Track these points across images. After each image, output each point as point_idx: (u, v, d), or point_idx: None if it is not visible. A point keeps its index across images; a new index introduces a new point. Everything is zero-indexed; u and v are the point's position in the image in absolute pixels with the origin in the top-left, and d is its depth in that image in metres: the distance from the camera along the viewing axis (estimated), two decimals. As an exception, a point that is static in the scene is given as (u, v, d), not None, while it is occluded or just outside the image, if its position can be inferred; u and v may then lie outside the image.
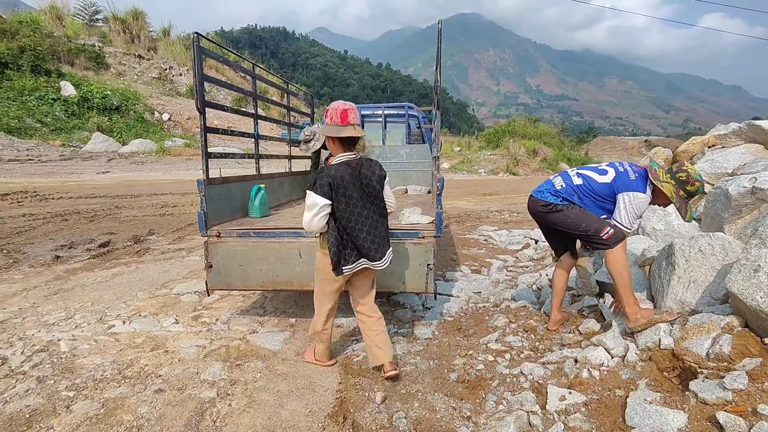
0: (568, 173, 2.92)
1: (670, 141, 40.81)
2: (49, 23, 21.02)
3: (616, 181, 2.70)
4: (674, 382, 2.18)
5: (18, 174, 12.13)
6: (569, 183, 2.84)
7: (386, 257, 2.62)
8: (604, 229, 2.63)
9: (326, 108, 2.49)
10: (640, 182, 2.66)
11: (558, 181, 2.89)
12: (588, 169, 2.88)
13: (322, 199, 2.37)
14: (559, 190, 2.83)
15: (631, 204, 2.62)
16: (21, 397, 2.46)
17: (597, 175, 2.78)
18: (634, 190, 2.63)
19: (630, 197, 2.62)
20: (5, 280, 4.45)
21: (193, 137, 20.22)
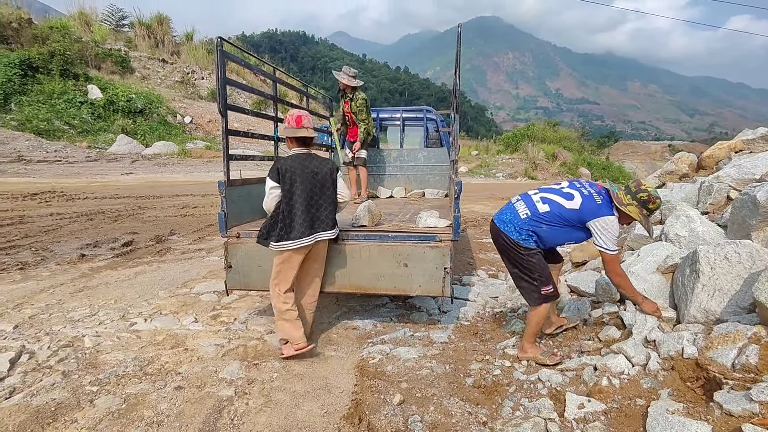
0: (531, 198, 2.78)
1: (694, 146, 39.76)
2: (78, 29, 21.66)
3: (583, 208, 2.65)
4: (698, 393, 2.12)
5: (46, 174, 12.52)
6: (534, 211, 2.70)
7: (312, 237, 2.97)
8: (548, 285, 2.73)
9: (286, 115, 3.17)
10: (606, 206, 2.66)
11: (522, 209, 2.74)
12: (552, 193, 2.76)
13: (272, 182, 2.93)
14: (525, 220, 2.70)
15: (605, 228, 2.62)
16: (47, 390, 2.53)
17: (564, 200, 2.69)
18: (604, 215, 2.63)
19: (602, 222, 2.62)
20: (33, 277, 4.59)
21: (213, 139, 20.57)
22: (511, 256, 2.78)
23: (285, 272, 2.99)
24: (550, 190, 2.82)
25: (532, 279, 2.73)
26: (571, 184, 2.84)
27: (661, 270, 3.13)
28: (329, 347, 3.25)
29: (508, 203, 2.91)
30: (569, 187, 2.80)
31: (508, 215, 2.79)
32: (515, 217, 2.75)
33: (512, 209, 2.81)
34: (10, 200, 8.63)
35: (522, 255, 2.72)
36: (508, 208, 2.84)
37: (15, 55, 17.25)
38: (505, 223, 2.77)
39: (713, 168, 4.87)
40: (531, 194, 2.84)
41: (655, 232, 3.77)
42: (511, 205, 2.85)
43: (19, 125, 15.77)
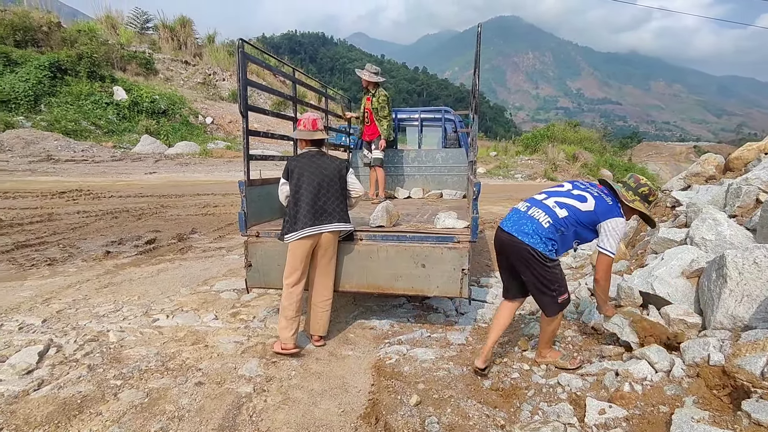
0: (545, 204, 2.67)
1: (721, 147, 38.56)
2: (105, 32, 22.28)
3: (597, 209, 2.62)
4: (725, 401, 2.06)
5: (74, 173, 12.89)
6: (555, 218, 2.59)
7: (316, 228, 3.05)
8: (565, 293, 2.69)
9: (299, 118, 3.28)
10: (616, 206, 2.66)
11: (542, 217, 2.60)
12: (565, 197, 2.68)
13: (282, 179, 3.21)
14: (548, 229, 2.57)
15: (614, 230, 2.59)
16: (74, 383, 2.61)
17: (578, 203, 2.63)
18: (615, 216, 2.62)
19: (613, 224, 2.60)
20: (61, 273, 4.74)
21: (234, 140, 20.88)
22: (533, 269, 2.60)
23: (291, 264, 3.07)
24: (560, 193, 2.73)
25: (552, 290, 2.64)
26: (575, 185, 2.78)
27: (686, 274, 3.05)
28: (346, 346, 3.26)
29: (517, 211, 2.74)
30: (576, 188, 2.74)
31: (530, 226, 2.60)
32: (539, 227, 2.57)
33: (531, 219, 2.62)
34: (40, 198, 8.92)
35: (548, 267, 2.59)
36: (526, 218, 2.65)
37: (45, 58, 17.83)
38: (529, 235, 2.57)
39: (741, 170, 4.73)
40: (542, 199, 2.71)
41: (679, 234, 3.68)
42: (526, 213, 2.67)
43: (48, 126, 16.30)
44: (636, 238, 4.79)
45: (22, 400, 2.43)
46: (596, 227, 2.63)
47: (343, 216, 3.16)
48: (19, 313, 3.63)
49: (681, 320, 2.73)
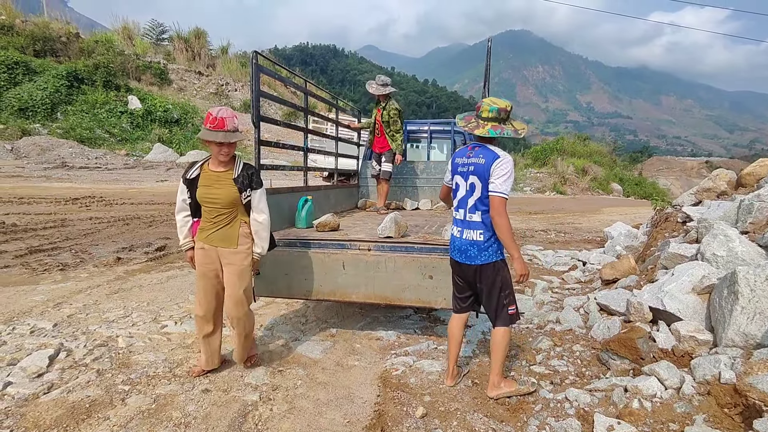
0: (468, 221, 2.58)
1: (734, 162, 38.19)
2: (121, 42, 22.78)
3: (481, 178, 2.49)
4: (736, 420, 2.03)
5: (87, 180, 13.11)
6: (478, 225, 2.54)
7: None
8: (513, 305, 2.63)
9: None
10: (485, 152, 2.51)
11: (475, 235, 2.54)
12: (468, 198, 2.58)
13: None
14: (484, 238, 2.53)
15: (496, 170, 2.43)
16: (83, 387, 2.63)
17: (476, 194, 2.53)
18: (490, 163, 2.46)
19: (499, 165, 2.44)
20: (73, 278, 4.80)
21: (244, 149, 21.10)
22: (485, 281, 2.58)
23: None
24: (463, 200, 2.62)
25: (503, 297, 2.58)
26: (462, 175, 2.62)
27: (696, 290, 3.02)
28: (353, 357, 3.26)
29: (455, 239, 2.67)
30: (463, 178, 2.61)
31: (473, 249, 2.56)
32: (479, 245, 2.54)
33: (470, 243, 2.57)
34: (54, 204, 9.07)
35: (498, 274, 2.56)
36: (466, 243, 2.59)
37: (63, 67, 18.28)
38: (478, 257, 2.54)
39: (754, 186, 4.68)
40: (462, 217, 2.62)
41: (689, 249, 3.64)
42: (462, 239, 2.61)
43: (64, 133, 16.63)
44: (646, 253, 4.75)
45: (32, 402, 2.45)
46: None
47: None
48: (31, 316, 3.68)
49: (692, 337, 2.70)
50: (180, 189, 2.74)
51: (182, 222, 2.81)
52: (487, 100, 2.57)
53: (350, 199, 6.10)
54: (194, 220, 2.78)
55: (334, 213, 4.09)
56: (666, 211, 5.40)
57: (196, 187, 2.69)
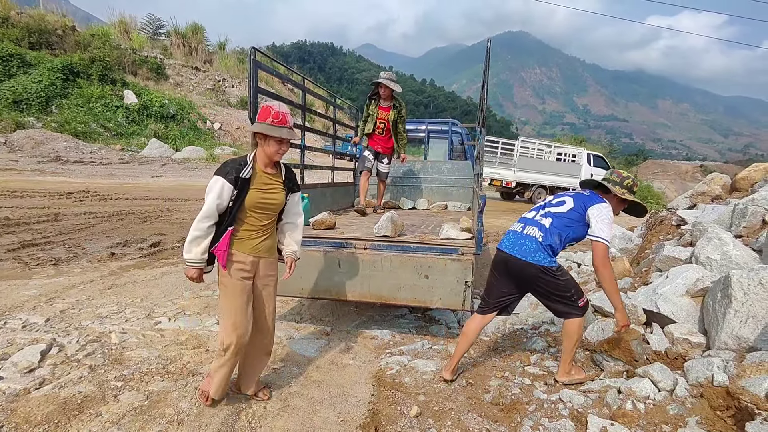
0: (536, 220, 2.72)
1: (728, 167, 38.44)
2: (118, 36, 22.61)
3: (576, 204, 2.69)
4: (728, 423, 2.04)
5: (81, 174, 13.00)
6: (544, 228, 2.64)
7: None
8: (583, 297, 2.69)
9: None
10: (595, 196, 2.72)
11: (537, 233, 2.64)
12: (548, 207, 2.79)
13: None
14: (543, 242, 2.60)
15: (601, 214, 2.60)
16: (75, 383, 2.61)
17: (559, 208, 2.72)
18: (598, 203, 2.65)
19: (598, 209, 2.62)
20: (66, 273, 4.76)
21: (240, 146, 21.02)
22: (544, 283, 2.61)
23: None
24: (543, 206, 2.84)
25: (569, 297, 2.64)
26: (556, 196, 2.88)
27: (690, 293, 3.04)
28: (347, 355, 3.26)
29: (514, 232, 2.77)
30: (556, 197, 2.84)
31: (530, 244, 2.62)
32: (537, 243, 2.61)
33: (528, 237, 2.66)
34: (47, 198, 8.99)
35: (557, 277, 2.61)
36: (524, 238, 2.68)
37: (58, 60, 18.11)
38: (532, 253, 2.60)
39: (748, 190, 4.71)
40: (532, 217, 2.79)
41: (684, 253, 3.67)
42: (523, 233, 2.71)
43: (59, 127, 16.49)
44: (640, 255, 4.78)
45: (23, 398, 2.43)
46: (585, 220, 2.66)
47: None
48: (23, 311, 3.64)
49: (685, 339, 2.71)
50: (219, 189, 2.20)
51: (206, 232, 2.24)
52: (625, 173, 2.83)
53: (347, 197, 6.09)
54: (229, 229, 2.28)
55: (330, 211, 4.09)
56: (661, 214, 5.43)
57: (247, 190, 2.27)
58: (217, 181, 2.20)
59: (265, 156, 2.32)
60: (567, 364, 2.77)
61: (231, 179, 2.21)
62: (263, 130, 2.22)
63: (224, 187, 2.21)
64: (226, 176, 2.21)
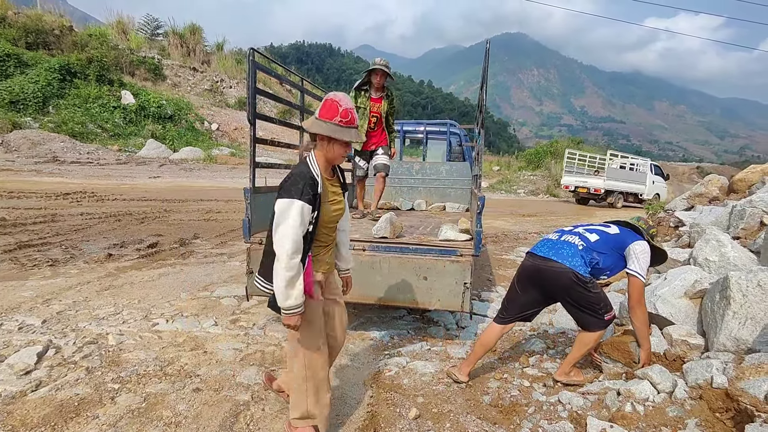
0: (578, 232, 2.72)
1: (724, 168, 38.62)
2: (115, 36, 22.59)
3: (622, 232, 2.71)
4: (728, 425, 2.04)
5: (78, 175, 12.96)
6: (587, 241, 2.62)
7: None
8: (611, 311, 2.63)
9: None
10: (636, 234, 2.72)
11: (577, 241, 2.62)
12: (593, 225, 2.82)
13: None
14: (583, 252, 2.57)
15: (643, 252, 2.61)
16: (71, 385, 2.59)
17: (606, 228, 2.74)
18: (640, 239, 2.66)
19: (641, 246, 2.63)
20: (63, 274, 4.74)
21: (238, 147, 21.01)
22: (576, 292, 2.55)
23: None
24: (586, 225, 2.84)
25: (598, 310, 2.58)
26: (594, 224, 2.89)
27: (689, 295, 3.04)
28: (345, 357, 3.25)
29: (549, 240, 2.74)
30: (599, 225, 2.83)
31: (567, 249, 2.59)
32: (576, 250, 2.58)
33: (566, 243, 2.63)
34: (44, 199, 8.96)
35: (590, 288, 2.55)
36: (561, 243, 2.65)
37: (55, 61, 18.07)
38: (569, 258, 2.54)
39: (745, 192, 4.74)
40: (570, 229, 2.79)
41: (682, 254, 3.68)
42: (560, 240, 2.68)
43: (56, 127, 16.45)
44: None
45: (20, 400, 2.41)
46: (624, 253, 2.64)
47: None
48: (19, 312, 3.62)
49: (684, 341, 2.71)
50: (299, 215, 1.84)
51: (299, 268, 1.87)
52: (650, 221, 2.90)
53: None
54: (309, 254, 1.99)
55: None
56: (658, 215, 5.44)
57: (319, 205, 1.95)
58: (293, 205, 1.82)
59: (326, 161, 2.01)
60: (567, 366, 2.76)
61: (309, 199, 1.86)
62: (331, 133, 1.90)
63: (303, 210, 1.84)
64: (302, 197, 1.84)
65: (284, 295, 1.85)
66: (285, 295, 1.85)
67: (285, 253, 1.81)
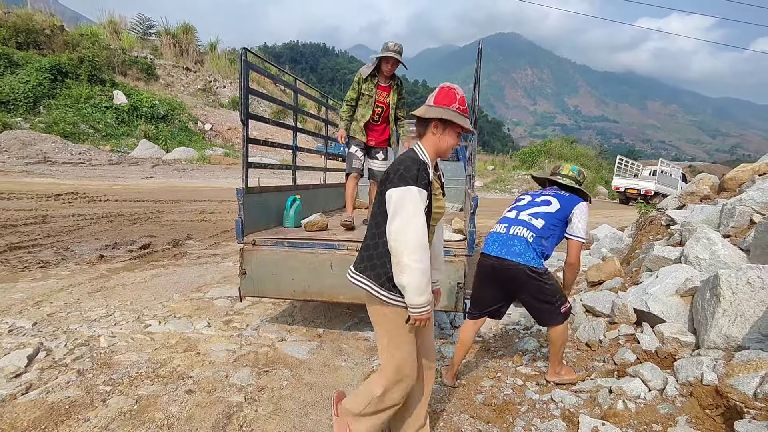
0: (523, 220, 2.69)
1: (716, 167, 39.03)
2: (107, 36, 22.41)
3: (563, 204, 2.73)
4: (717, 421, 2.06)
5: (70, 176, 12.85)
6: (535, 229, 2.63)
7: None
8: (566, 302, 2.69)
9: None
10: (576, 196, 2.79)
11: (526, 233, 2.62)
12: (534, 206, 2.76)
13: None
14: (534, 243, 2.59)
15: (582, 214, 2.70)
16: (62, 388, 2.57)
17: (547, 208, 2.73)
18: (579, 202, 2.73)
19: (579, 209, 2.71)
20: (53, 276, 4.70)
21: (232, 147, 20.92)
22: (531, 287, 2.58)
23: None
24: (527, 206, 2.80)
25: (554, 302, 2.62)
26: (532, 195, 2.90)
27: (680, 293, 3.06)
28: (339, 357, 3.24)
29: (498, 235, 2.71)
30: (535, 197, 2.85)
31: (518, 245, 2.59)
32: (527, 244, 2.58)
33: (516, 237, 2.62)
34: (35, 200, 8.87)
35: (544, 281, 2.58)
36: (512, 239, 2.63)
37: (46, 61, 17.91)
38: (521, 255, 2.55)
39: (736, 190, 4.77)
40: (516, 216, 2.75)
41: (673, 252, 3.70)
42: (509, 234, 2.66)
43: (47, 128, 16.30)
44: (631, 255, 4.82)
45: (9, 404, 2.39)
46: (567, 219, 2.73)
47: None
48: (9, 315, 3.58)
49: (674, 339, 2.73)
50: (419, 201, 1.69)
51: (428, 259, 1.73)
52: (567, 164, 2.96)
53: (339, 198, 6.07)
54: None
55: (322, 212, 4.07)
56: (650, 214, 5.48)
57: (429, 196, 1.77)
58: (411, 191, 1.66)
59: (435, 151, 1.84)
60: (555, 365, 2.78)
61: (425, 185, 1.70)
62: (452, 117, 1.78)
63: (421, 197, 1.69)
64: (418, 183, 1.68)
65: (420, 290, 1.67)
66: (420, 290, 1.67)
67: (413, 244, 1.64)
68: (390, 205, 1.69)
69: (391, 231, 1.67)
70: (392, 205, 1.68)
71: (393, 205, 1.68)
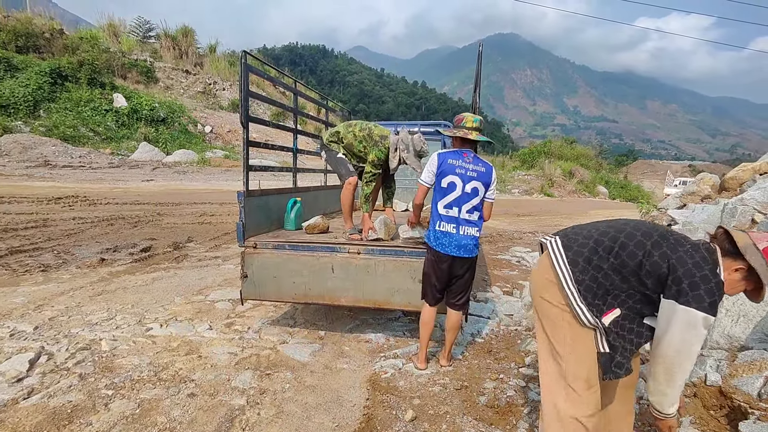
0: (468, 220, 2.85)
1: (716, 166, 39.04)
2: (107, 39, 22.42)
3: (485, 181, 2.85)
4: (722, 422, 2.05)
5: (70, 179, 12.86)
6: (479, 224, 2.91)
7: None
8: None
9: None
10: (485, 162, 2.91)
11: (473, 231, 2.88)
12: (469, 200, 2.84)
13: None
14: (478, 236, 2.92)
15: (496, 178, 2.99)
16: (64, 392, 2.57)
17: (475, 200, 2.85)
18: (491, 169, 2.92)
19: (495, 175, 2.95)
20: (54, 279, 4.69)
21: (232, 149, 20.93)
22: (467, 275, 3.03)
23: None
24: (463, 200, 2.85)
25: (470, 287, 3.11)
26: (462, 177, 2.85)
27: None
28: (341, 360, 3.24)
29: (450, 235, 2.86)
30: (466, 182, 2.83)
31: (471, 242, 2.90)
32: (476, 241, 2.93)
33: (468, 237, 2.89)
34: (35, 204, 8.87)
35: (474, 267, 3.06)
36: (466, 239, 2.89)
37: (46, 64, 17.91)
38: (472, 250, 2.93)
39: (737, 190, 4.77)
40: (458, 215, 2.86)
41: None
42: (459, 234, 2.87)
43: (47, 131, 16.30)
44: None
45: (11, 408, 2.38)
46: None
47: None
48: (10, 319, 3.58)
49: (677, 339, 2.73)
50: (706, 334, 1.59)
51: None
52: (468, 114, 3.00)
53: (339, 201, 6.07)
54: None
55: (323, 215, 4.07)
56: (651, 213, 5.47)
57: None
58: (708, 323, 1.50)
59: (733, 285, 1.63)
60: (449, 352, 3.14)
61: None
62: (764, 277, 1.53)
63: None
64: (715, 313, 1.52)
65: (675, 398, 1.63)
66: (675, 399, 1.63)
67: (682, 370, 1.57)
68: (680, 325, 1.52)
69: (667, 347, 1.56)
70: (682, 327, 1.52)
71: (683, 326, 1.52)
